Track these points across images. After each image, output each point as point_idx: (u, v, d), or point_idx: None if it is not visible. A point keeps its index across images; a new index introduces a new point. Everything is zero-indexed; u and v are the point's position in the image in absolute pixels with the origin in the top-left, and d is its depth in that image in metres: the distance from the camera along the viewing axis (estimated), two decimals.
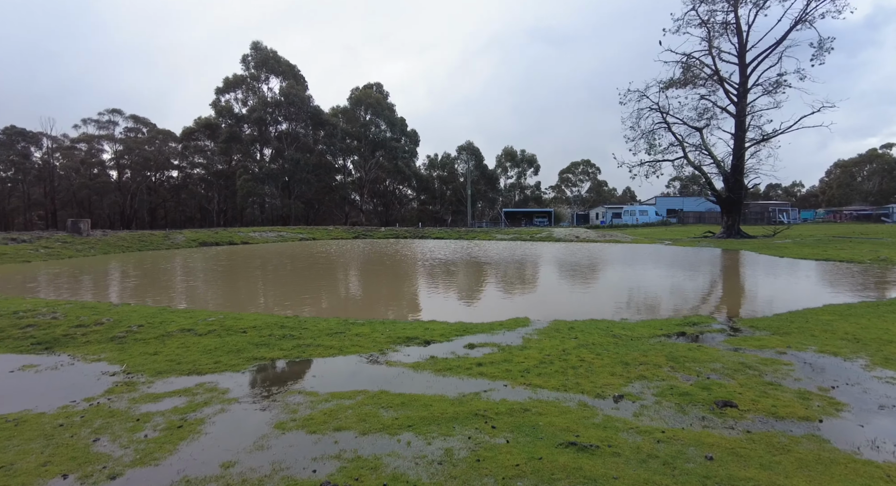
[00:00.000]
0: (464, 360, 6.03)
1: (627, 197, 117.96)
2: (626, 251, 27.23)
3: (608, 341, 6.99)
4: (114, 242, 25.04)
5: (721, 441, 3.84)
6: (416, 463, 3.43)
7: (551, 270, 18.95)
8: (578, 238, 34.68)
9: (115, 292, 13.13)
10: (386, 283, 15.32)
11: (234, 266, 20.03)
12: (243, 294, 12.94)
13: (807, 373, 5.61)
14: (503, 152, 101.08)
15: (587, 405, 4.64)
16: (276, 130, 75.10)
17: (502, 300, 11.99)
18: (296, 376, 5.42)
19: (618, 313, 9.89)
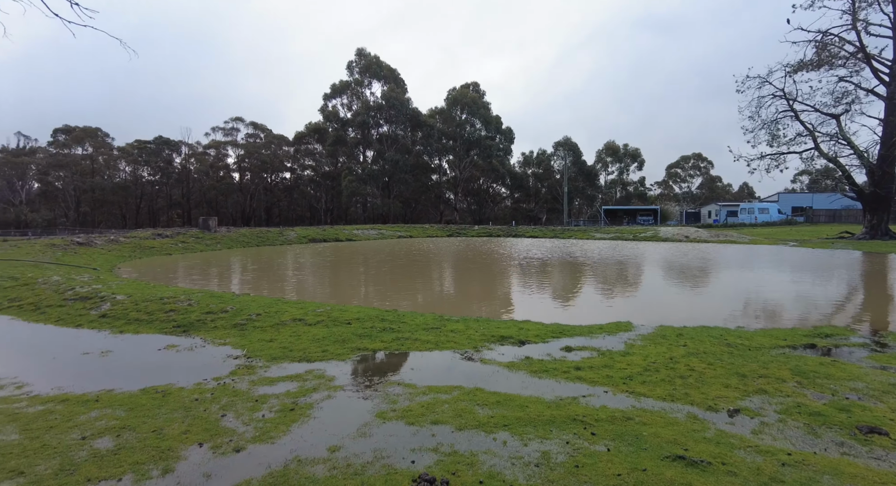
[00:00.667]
0: (561, 363, 5.87)
1: (745, 194, 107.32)
2: (744, 253, 24.81)
3: (721, 351, 6.42)
4: (236, 237, 27.94)
5: (866, 473, 3.35)
6: (513, 463, 3.40)
7: (657, 271, 17.83)
8: (688, 238, 32.19)
9: (237, 282, 14.61)
10: (479, 280, 15.40)
11: (338, 261, 21.34)
12: (346, 287, 13.74)
13: None
14: (604, 147, 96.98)
15: (697, 418, 4.29)
16: (378, 132, 78.63)
17: (602, 303, 11.52)
18: (394, 367, 5.64)
19: (733, 320, 9.06)
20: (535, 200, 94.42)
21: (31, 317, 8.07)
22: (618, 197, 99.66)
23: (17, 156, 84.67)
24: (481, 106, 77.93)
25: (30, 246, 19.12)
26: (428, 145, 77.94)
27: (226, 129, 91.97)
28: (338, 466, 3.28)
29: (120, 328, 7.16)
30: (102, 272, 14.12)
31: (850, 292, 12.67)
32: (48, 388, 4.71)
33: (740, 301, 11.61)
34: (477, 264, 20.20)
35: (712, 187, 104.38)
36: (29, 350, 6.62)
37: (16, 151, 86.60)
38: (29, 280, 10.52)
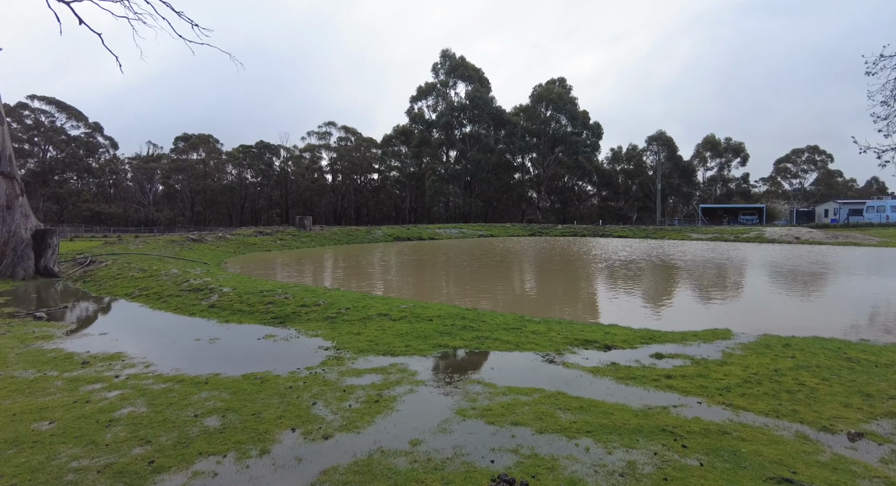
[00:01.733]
0: (650, 370, 5.58)
1: (873, 190, 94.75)
2: (869, 256, 21.96)
3: (839, 365, 5.74)
4: (328, 235, 29.64)
5: None
6: (595, 471, 3.29)
7: (761, 275, 16.32)
8: (799, 239, 29.04)
9: (328, 278, 15.48)
10: (562, 281, 15.02)
11: (421, 259, 21.86)
12: (428, 285, 14.03)
13: None
14: (703, 141, 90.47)
15: (808, 439, 3.88)
16: (461, 132, 79.39)
17: (697, 308, 10.77)
18: (475, 366, 5.67)
19: (854, 331, 8.08)
20: (624, 198, 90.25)
21: (155, 305, 9.15)
22: (717, 195, 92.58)
23: (147, 162, 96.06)
24: (567, 101, 75.91)
25: (155, 242, 21.69)
26: (511, 144, 77.32)
27: (319, 133, 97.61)
28: (419, 459, 3.37)
29: (226, 318, 7.89)
30: (212, 266, 15.65)
31: None
32: (168, 369, 5.31)
33: (865, 311, 10.32)
34: (560, 265, 19.73)
35: (830, 183, 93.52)
36: (153, 334, 7.49)
37: (146, 157, 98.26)
38: (154, 272, 11.94)
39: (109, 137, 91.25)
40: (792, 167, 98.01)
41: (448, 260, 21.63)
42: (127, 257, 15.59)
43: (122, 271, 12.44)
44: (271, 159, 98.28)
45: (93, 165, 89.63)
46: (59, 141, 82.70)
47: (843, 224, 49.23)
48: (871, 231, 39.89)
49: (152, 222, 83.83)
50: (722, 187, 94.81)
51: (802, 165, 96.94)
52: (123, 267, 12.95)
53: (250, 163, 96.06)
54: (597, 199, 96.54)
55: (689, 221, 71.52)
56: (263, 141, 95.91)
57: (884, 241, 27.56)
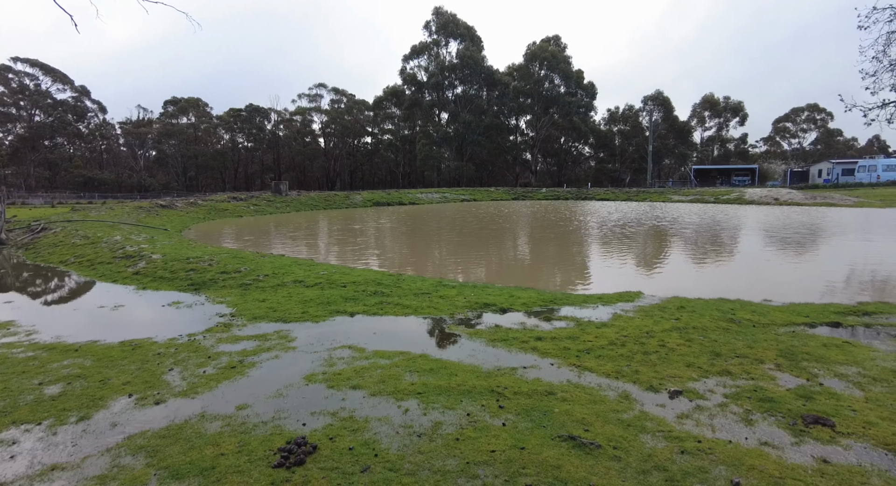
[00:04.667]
0: (528, 332, 5.75)
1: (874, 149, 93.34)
2: (839, 217, 21.95)
3: (718, 327, 5.90)
4: (305, 201, 29.64)
5: (772, 467, 3.03)
6: (398, 432, 3.45)
7: (717, 239, 16.41)
8: (778, 200, 28.96)
9: (280, 244, 15.59)
10: (511, 245, 15.14)
11: (390, 224, 21.94)
12: (380, 249, 14.16)
13: None
14: (701, 101, 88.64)
15: (629, 398, 4.06)
16: (453, 93, 77.75)
17: (629, 271, 10.92)
18: (358, 331, 5.83)
19: (771, 293, 8.20)
20: (620, 159, 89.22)
21: (84, 272, 9.32)
22: (715, 155, 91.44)
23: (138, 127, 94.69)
24: (561, 60, 73.89)
25: (121, 208, 21.78)
26: (503, 105, 75.81)
27: (310, 95, 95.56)
28: (232, 424, 3.54)
29: (145, 285, 8.07)
30: (172, 233, 15.78)
31: None
32: (49, 337, 5.50)
33: (792, 273, 10.46)
34: (521, 229, 19.81)
35: (830, 143, 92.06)
36: (61, 302, 7.69)
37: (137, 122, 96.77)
38: (97, 239, 12.09)
39: (97, 101, 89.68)
40: (791, 127, 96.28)
41: (416, 225, 21.72)
42: (82, 224, 15.71)
43: (66, 238, 12.59)
44: (262, 123, 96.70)
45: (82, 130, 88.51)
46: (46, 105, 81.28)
47: (832, 185, 48.90)
48: (858, 191, 39.67)
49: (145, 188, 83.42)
50: (720, 148, 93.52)
51: (802, 125, 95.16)
52: (69, 234, 13.09)
53: (241, 127, 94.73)
54: (594, 161, 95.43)
55: (684, 182, 70.97)
56: (253, 104, 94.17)
57: (860, 202, 27.46)
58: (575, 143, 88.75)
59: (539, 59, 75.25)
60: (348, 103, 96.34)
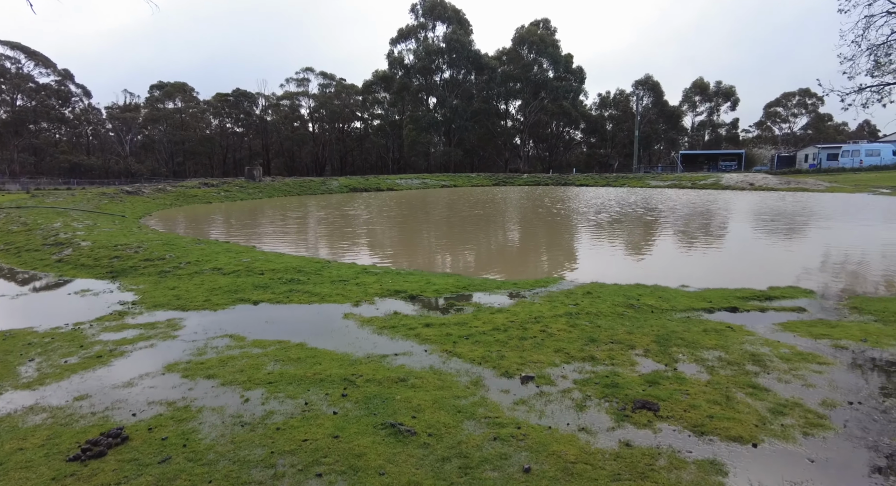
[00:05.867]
0: (422, 319, 5.77)
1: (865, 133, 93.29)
2: (807, 203, 22.00)
3: (613, 312, 5.94)
4: (279, 186, 29.45)
5: (572, 452, 3.07)
6: (224, 422, 3.46)
7: (672, 224, 16.45)
8: (753, 185, 29.00)
9: (232, 230, 15.54)
10: (461, 232, 15.14)
11: (356, 211, 21.87)
12: (328, 236, 14.14)
13: (840, 379, 4.03)
14: (692, 85, 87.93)
15: (479, 384, 4.10)
16: (441, 78, 76.94)
17: (569, 257, 10.97)
18: (252, 320, 5.83)
19: (697, 277, 8.24)
20: (611, 144, 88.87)
21: (7, 259, 9.26)
22: (707, 140, 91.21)
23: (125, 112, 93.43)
24: (549, 44, 73.11)
25: (83, 194, 21.60)
26: (490, 89, 75.11)
27: (298, 79, 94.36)
28: (57, 416, 3.53)
29: (63, 272, 8.04)
30: (127, 220, 15.69)
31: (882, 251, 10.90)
32: None
33: (730, 259, 10.52)
34: (490, 216, 19.79)
35: (820, 127, 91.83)
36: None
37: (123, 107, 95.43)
38: (35, 226, 12.01)
39: (81, 86, 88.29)
40: (782, 111, 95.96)
41: (381, 211, 21.66)
42: (32, 210, 15.58)
43: (4, 225, 12.51)
44: (250, 108, 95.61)
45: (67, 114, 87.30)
46: (28, 89, 79.99)
47: (816, 169, 48.97)
48: (839, 176, 39.75)
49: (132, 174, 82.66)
50: (711, 133, 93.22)
51: (793, 110, 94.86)
52: (10, 221, 13.01)
53: (229, 112, 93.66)
54: (585, 146, 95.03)
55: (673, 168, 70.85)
56: (240, 88, 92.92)
57: (831, 187, 27.53)
58: (566, 128, 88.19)
59: (528, 43, 74.46)
60: (337, 88, 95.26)
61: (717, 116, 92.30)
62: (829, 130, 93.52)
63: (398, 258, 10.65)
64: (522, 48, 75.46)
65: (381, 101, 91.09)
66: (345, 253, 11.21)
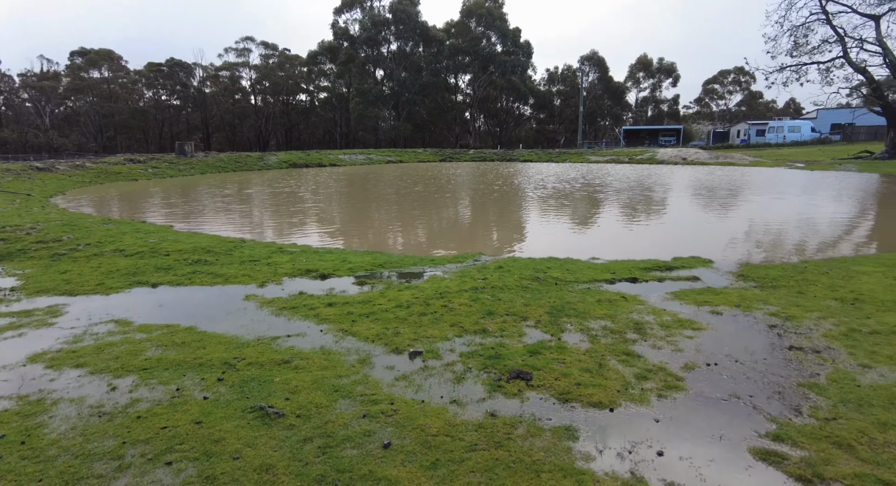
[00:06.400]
0: (326, 298, 5.68)
1: (791, 111, 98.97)
2: (727, 176, 23.19)
3: (518, 286, 6.06)
4: (212, 163, 28.05)
5: (437, 425, 3.12)
6: (80, 414, 3.27)
7: (602, 200, 16.96)
8: (686, 160, 30.29)
9: (153, 209, 14.77)
10: (397, 209, 15.05)
11: (292, 188, 21.24)
12: (256, 215, 13.68)
13: (707, 342, 4.28)
14: (636, 61, 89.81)
15: (366, 361, 4.08)
16: (388, 50, 74.96)
17: (497, 233, 11.11)
18: (145, 304, 5.57)
19: (611, 250, 8.52)
20: (559, 120, 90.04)
21: None
22: (650, 116, 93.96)
23: (41, 80, 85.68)
24: (497, 17, 72.39)
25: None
26: (438, 63, 73.96)
27: (238, 49, 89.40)
28: None
29: None
30: (33, 199, 14.54)
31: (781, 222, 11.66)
32: None
33: (645, 232, 10.96)
34: (426, 192, 19.73)
35: (752, 105, 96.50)
36: None
37: (40, 75, 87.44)
38: None
39: None
40: (719, 88, 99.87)
41: (317, 189, 21.14)
42: None
43: None
44: (187, 79, 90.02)
45: None
46: None
47: (746, 145, 51.61)
48: (764, 151, 42.09)
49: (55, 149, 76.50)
50: (654, 108, 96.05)
51: (728, 87, 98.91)
52: None
53: (163, 83, 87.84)
54: (534, 122, 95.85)
55: (617, 143, 72.76)
56: (175, 58, 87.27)
57: (755, 161, 29.20)
58: (515, 103, 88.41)
59: (476, 16, 73.44)
60: (280, 58, 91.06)
61: (659, 93, 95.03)
62: (760, 107, 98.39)
63: (325, 237, 10.43)
64: (471, 21, 74.39)
65: (327, 73, 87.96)
66: (267, 232, 10.87)
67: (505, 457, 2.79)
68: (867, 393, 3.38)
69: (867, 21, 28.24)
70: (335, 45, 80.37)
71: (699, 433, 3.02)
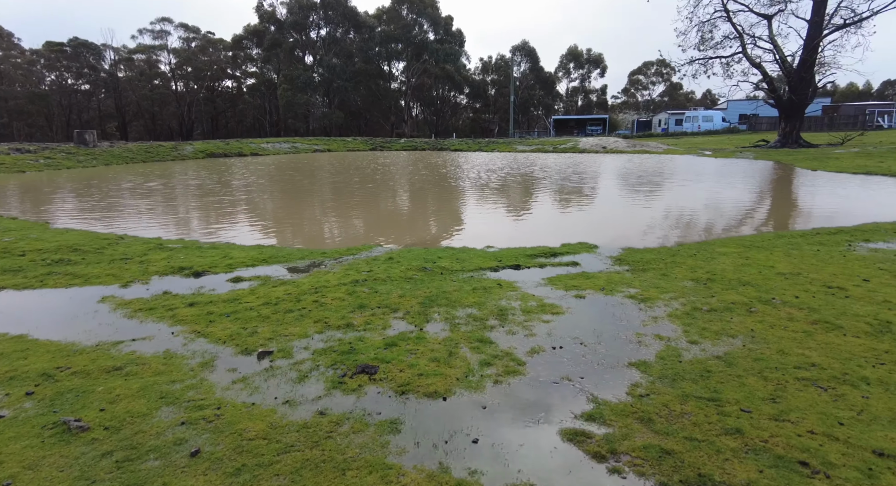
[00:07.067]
0: (189, 298, 5.37)
1: (708, 101, 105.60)
2: (641, 164, 24.38)
3: (402, 277, 5.99)
4: (119, 153, 25.96)
5: (259, 428, 2.98)
6: None
7: (517, 187, 17.32)
8: (605, 148, 31.58)
9: (33, 205, 13.52)
10: (306, 199, 14.66)
11: (201, 179, 20.13)
12: (150, 210, 12.84)
13: (561, 326, 4.40)
14: (566, 52, 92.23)
15: (211, 364, 3.87)
16: (318, 35, 72.55)
17: (402, 223, 11.03)
18: None
19: (510, 238, 8.64)
20: (494, 109, 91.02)
21: None
22: (580, 105, 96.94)
23: None
24: (428, 5, 71.81)
25: None
26: (370, 49, 72.52)
27: (154, 31, 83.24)
28: None
29: None
30: None
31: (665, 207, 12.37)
32: None
33: (543, 220, 11.27)
34: (342, 183, 19.33)
35: (674, 95, 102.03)
36: None
37: None
38: None
39: None
40: (643, 79, 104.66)
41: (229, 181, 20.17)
42: None
43: None
44: (97, 62, 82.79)
45: None
46: None
47: (664, 133, 54.53)
48: (680, 140, 44.62)
49: None
50: (584, 98, 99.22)
51: (652, 78, 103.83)
52: None
53: (68, 66, 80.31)
54: (471, 111, 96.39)
55: (547, 132, 74.62)
56: (79, 38, 79.96)
57: (668, 149, 30.97)
58: (451, 92, 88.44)
59: (407, 3, 72.46)
60: (203, 42, 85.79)
61: (588, 83, 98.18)
62: (680, 97, 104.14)
63: (223, 232, 9.91)
64: (402, 7, 73.34)
65: (254, 58, 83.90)
66: (154, 227, 10.18)
67: (317, 457, 2.71)
68: (684, 368, 3.59)
69: (762, 20, 30.46)
70: (261, 28, 76.81)
71: (520, 418, 3.07)
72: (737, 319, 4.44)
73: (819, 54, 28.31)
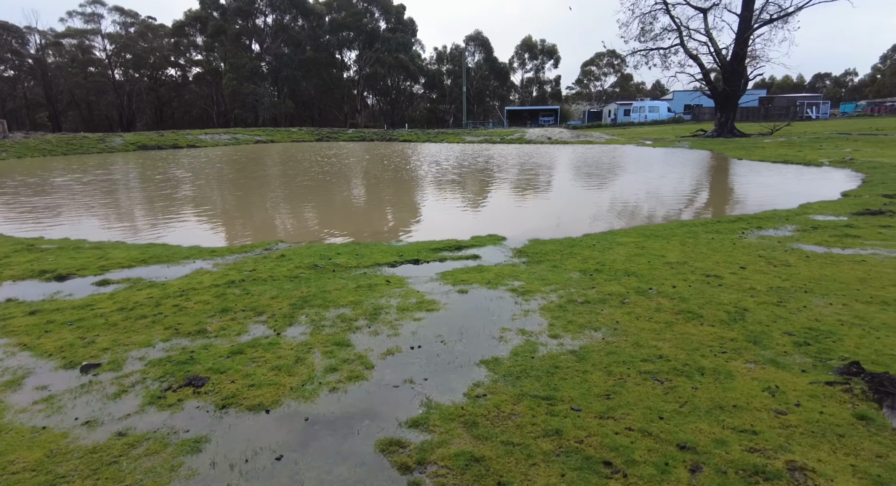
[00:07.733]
0: (33, 305, 4.91)
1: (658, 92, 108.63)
2: (582, 155, 24.71)
3: (287, 276, 5.67)
4: (36, 145, 24.15)
5: (29, 458, 2.63)
6: None
7: (454, 179, 17.17)
8: (550, 139, 31.88)
9: None
10: (228, 195, 14.06)
11: (119, 174, 19.03)
12: (34, 207, 11.97)
13: (430, 324, 4.21)
14: (521, 43, 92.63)
15: (20, 381, 3.47)
16: (264, 22, 70.00)
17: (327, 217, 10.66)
18: None
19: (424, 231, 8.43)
20: (449, 100, 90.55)
21: None
22: (534, 96, 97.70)
23: None
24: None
25: None
26: (320, 37, 70.64)
27: (85, 14, 78.15)
28: None
29: None
30: None
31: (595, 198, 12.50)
32: None
33: (469, 212, 11.15)
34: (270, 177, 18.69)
35: (625, 86, 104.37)
36: None
37: None
38: None
39: None
40: (595, 70, 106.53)
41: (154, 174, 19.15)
42: None
43: None
44: (20, 47, 77.08)
45: None
46: None
47: (613, 124, 55.70)
48: (627, 130, 45.62)
49: None
50: (538, 89, 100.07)
51: (604, 69, 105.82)
52: None
53: None
54: (427, 101, 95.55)
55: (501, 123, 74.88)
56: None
57: (610, 139, 31.60)
58: (406, 82, 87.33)
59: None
60: (142, 27, 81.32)
61: (542, 74, 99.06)
62: (631, 88, 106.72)
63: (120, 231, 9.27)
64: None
65: (199, 45, 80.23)
66: (42, 228, 9.43)
67: None
68: (534, 364, 3.45)
69: (698, 13, 31.33)
70: (204, 14, 73.45)
71: (341, 429, 2.85)
72: (607, 311, 4.38)
73: (750, 48, 29.41)
